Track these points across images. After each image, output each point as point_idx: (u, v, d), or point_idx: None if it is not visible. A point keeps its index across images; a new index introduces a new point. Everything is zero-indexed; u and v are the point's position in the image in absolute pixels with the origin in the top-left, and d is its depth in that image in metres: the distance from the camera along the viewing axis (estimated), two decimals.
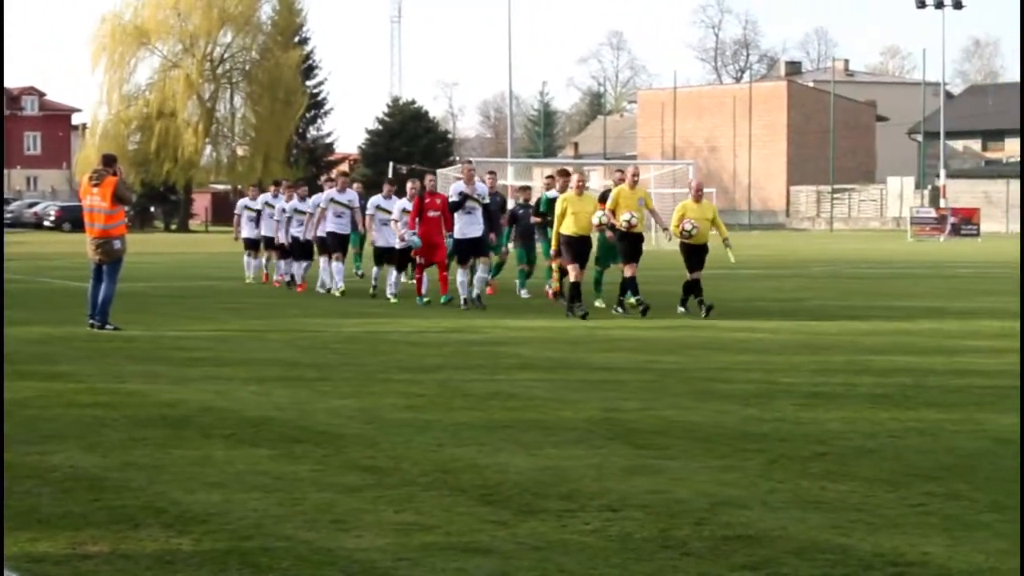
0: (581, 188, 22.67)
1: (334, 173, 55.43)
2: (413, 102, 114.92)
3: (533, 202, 26.86)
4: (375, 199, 27.62)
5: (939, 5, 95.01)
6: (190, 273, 38.56)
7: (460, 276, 24.18)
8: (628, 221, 22.58)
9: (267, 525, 8.02)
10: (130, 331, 19.72)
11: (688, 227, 22.26)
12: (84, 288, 20.55)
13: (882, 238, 76.85)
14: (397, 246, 25.92)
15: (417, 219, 24.67)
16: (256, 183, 45.78)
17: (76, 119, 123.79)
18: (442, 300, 24.57)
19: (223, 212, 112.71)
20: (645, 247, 23.81)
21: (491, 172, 28.66)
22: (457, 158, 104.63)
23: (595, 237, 22.85)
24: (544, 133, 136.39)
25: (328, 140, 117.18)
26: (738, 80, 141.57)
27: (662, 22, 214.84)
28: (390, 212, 26.54)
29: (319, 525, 8.03)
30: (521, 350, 17.70)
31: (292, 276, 30.39)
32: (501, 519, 8.16)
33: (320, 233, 28.62)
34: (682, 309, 22.76)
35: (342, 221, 28.44)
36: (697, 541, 7.66)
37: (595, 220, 22.27)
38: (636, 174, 23.50)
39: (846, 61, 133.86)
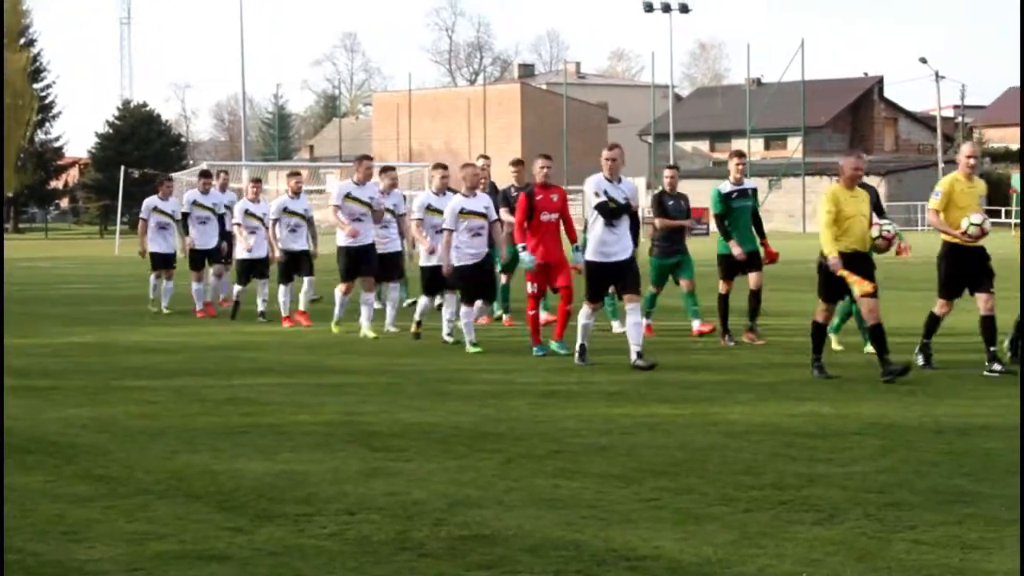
0: (855, 179, 14.87)
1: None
2: (145, 105, 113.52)
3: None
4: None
5: (666, 9, 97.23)
6: None
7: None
8: (979, 227, 15.09)
9: None
10: None
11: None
12: None
13: None
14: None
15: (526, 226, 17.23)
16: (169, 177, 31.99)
17: None
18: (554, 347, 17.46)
19: None
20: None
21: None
22: (191, 162, 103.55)
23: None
24: (279, 136, 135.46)
25: (57, 144, 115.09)
26: (472, 82, 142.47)
27: (396, 24, 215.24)
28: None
29: (49, 537, 7.86)
30: (258, 355, 17.58)
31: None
32: (237, 525, 8.10)
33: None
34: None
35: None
36: (434, 542, 7.70)
37: (875, 232, 14.94)
38: (973, 155, 15.53)
39: (577, 64, 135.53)
